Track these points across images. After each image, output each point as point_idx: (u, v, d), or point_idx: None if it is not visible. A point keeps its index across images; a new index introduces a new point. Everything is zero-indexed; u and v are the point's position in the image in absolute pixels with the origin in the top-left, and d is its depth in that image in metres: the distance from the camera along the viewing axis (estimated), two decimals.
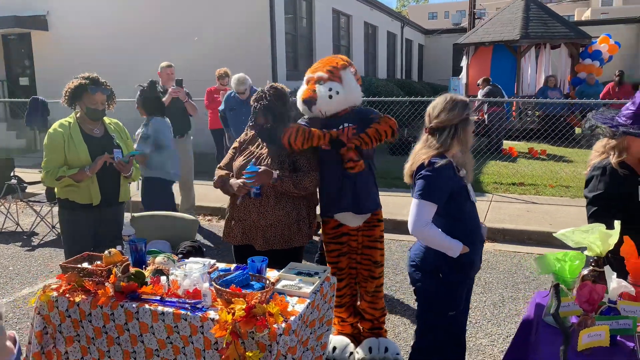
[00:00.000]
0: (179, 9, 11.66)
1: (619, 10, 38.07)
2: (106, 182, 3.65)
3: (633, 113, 2.57)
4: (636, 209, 2.57)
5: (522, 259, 5.42)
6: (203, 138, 9.37)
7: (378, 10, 19.06)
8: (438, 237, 2.53)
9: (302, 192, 3.08)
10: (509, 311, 4.23)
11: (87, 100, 3.56)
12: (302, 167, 3.12)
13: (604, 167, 2.67)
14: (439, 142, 2.57)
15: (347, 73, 3.22)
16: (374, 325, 3.50)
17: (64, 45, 12.93)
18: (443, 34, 26.52)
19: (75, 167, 3.52)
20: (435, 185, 2.51)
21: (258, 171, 2.98)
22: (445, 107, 2.59)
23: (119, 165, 3.60)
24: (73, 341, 2.65)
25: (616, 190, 2.61)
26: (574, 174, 8.70)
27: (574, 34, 13.78)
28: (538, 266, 2.30)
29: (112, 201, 3.74)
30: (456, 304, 2.68)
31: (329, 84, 3.13)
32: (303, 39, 13.39)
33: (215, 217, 7.22)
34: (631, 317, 2.09)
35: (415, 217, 2.52)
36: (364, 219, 3.33)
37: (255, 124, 3.19)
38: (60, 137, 3.54)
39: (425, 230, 2.51)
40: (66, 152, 3.53)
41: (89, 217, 3.66)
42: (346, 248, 3.40)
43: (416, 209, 2.52)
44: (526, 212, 6.72)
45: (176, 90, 6.12)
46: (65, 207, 3.69)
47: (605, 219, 2.39)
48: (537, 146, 10.99)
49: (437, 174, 2.51)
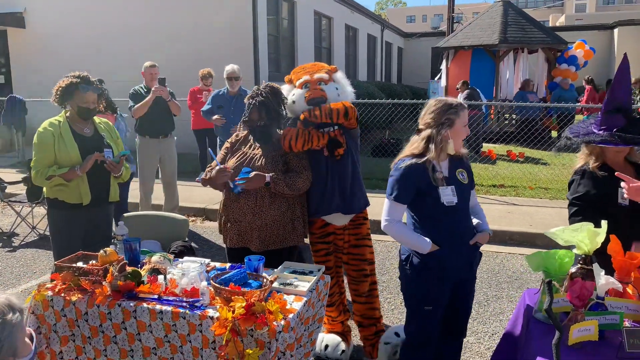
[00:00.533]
0: (160, 9, 11.59)
1: (593, 17, 39.04)
2: (96, 182, 3.63)
3: (600, 121, 2.73)
4: (615, 210, 2.67)
5: (505, 259, 5.54)
6: (186, 138, 9.33)
7: (359, 13, 19.20)
8: (404, 235, 2.71)
9: (295, 193, 3.11)
10: (493, 310, 4.33)
11: (78, 99, 3.54)
12: (295, 167, 3.14)
13: (583, 171, 2.82)
14: (420, 144, 2.69)
15: (338, 76, 3.30)
16: (377, 329, 3.48)
17: (41, 43, 12.74)
18: (422, 37, 26.83)
19: (66, 167, 3.49)
20: (398, 185, 2.66)
21: (249, 176, 2.99)
22: (429, 109, 2.72)
23: (110, 166, 3.57)
24: (68, 341, 2.64)
25: (594, 192, 2.74)
26: (553, 176, 8.90)
27: (551, 40, 14.08)
28: (529, 264, 2.38)
29: (101, 201, 3.72)
30: (428, 298, 2.75)
31: (332, 85, 3.18)
32: (285, 40, 13.43)
33: (199, 218, 7.20)
34: (618, 313, 2.18)
35: (385, 215, 2.72)
36: (350, 218, 3.37)
37: (249, 120, 3.18)
38: (50, 136, 3.51)
39: (391, 227, 2.70)
40: (56, 151, 3.50)
41: (79, 217, 3.64)
42: (333, 247, 3.43)
43: (385, 208, 2.73)
44: (507, 213, 6.87)
45: (159, 88, 6.08)
46: (55, 206, 3.66)
47: (585, 220, 2.50)
48: (515, 149, 11.20)
49: (400, 175, 2.66)
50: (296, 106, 3.23)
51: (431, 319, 2.79)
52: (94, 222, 3.71)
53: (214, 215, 7.09)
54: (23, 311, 1.50)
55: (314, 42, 14.99)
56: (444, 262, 2.68)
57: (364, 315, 3.48)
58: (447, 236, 2.68)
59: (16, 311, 1.51)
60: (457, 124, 2.67)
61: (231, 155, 3.27)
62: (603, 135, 2.66)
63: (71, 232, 3.64)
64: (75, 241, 3.61)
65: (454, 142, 2.68)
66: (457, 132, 2.69)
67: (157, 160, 6.36)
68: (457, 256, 2.72)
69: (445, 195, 2.67)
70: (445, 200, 2.66)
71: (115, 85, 11.42)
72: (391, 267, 5.15)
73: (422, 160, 2.64)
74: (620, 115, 2.66)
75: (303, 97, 3.17)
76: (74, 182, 3.54)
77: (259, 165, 3.10)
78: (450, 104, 2.68)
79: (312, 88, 3.16)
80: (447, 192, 2.68)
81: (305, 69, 3.30)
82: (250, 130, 3.25)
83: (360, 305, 3.48)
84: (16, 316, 1.51)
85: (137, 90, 6.28)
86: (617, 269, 2.36)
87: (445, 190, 2.67)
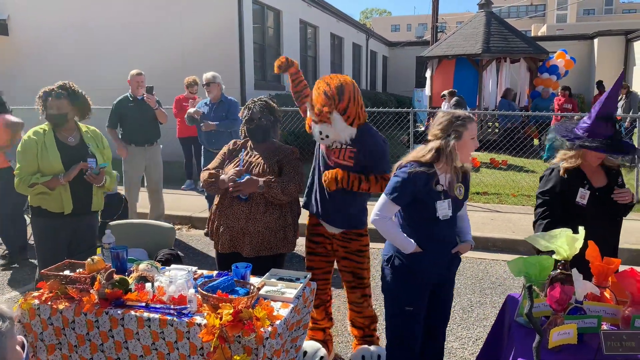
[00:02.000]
0: (146, 16, 11.58)
1: (574, 27, 39.74)
2: (79, 191, 3.62)
3: (588, 127, 2.86)
4: (574, 208, 2.93)
5: (488, 266, 5.61)
6: (172, 146, 9.31)
7: (344, 22, 19.34)
8: (392, 232, 2.76)
9: (288, 198, 3.17)
10: (477, 315, 4.39)
11: (47, 106, 3.56)
12: (287, 173, 3.20)
13: (552, 169, 3.07)
14: (426, 150, 2.71)
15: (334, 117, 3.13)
16: (365, 333, 3.53)
17: (25, 50, 12.64)
18: (407, 46, 27.07)
19: (49, 175, 3.49)
20: (401, 188, 2.68)
21: (241, 181, 3.03)
22: (437, 121, 2.74)
23: (90, 177, 3.55)
24: (55, 349, 2.64)
25: (558, 188, 2.99)
26: (535, 184, 9.00)
27: (533, 49, 14.32)
28: (511, 269, 2.44)
29: (84, 210, 3.71)
30: (409, 299, 2.81)
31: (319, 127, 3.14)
32: (271, 48, 13.48)
33: (185, 226, 7.18)
34: (596, 316, 2.25)
35: (377, 209, 2.75)
36: (340, 230, 3.37)
37: (251, 119, 3.25)
38: (34, 145, 3.51)
39: (382, 222, 2.74)
40: (39, 159, 3.50)
41: (62, 226, 3.63)
42: (320, 249, 3.45)
43: (380, 203, 2.76)
44: (490, 220, 6.96)
45: (148, 97, 6.10)
46: (38, 215, 3.65)
47: (547, 212, 2.97)
48: (498, 157, 11.35)
49: (404, 178, 2.67)
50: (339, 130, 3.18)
51: (412, 320, 2.84)
52: (78, 231, 3.71)
53: (200, 223, 7.09)
54: (13, 319, 1.51)
55: (299, 50, 15.07)
56: (424, 264, 2.75)
57: (355, 319, 3.53)
58: (432, 243, 2.74)
59: (6, 319, 1.52)
60: (465, 136, 2.66)
61: (229, 162, 3.32)
62: (597, 142, 2.80)
63: (55, 241, 3.63)
64: (59, 250, 3.60)
65: (460, 154, 2.67)
66: (465, 144, 2.67)
67: (143, 168, 6.36)
68: (437, 261, 2.79)
69: (442, 209, 2.71)
70: (441, 215, 2.70)
71: (99, 94, 11.42)
72: (377, 274, 5.18)
73: (429, 170, 2.66)
74: (610, 124, 2.82)
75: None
76: (57, 190, 3.54)
77: (256, 173, 3.18)
78: (457, 116, 2.68)
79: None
80: (443, 206, 2.71)
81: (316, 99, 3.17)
82: (250, 128, 3.28)
83: (351, 312, 3.54)
84: (6, 325, 1.51)
85: (120, 100, 6.29)
86: (595, 274, 2.44)
87: (442, 204, 2.70)
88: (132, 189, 6.36)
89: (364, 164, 3.17)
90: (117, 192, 6.00)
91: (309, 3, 15.53)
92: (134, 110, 6.21)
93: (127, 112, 6.22)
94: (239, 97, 10.75)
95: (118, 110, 6.25)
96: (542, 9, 57.98)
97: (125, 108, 6.22)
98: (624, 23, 36.10)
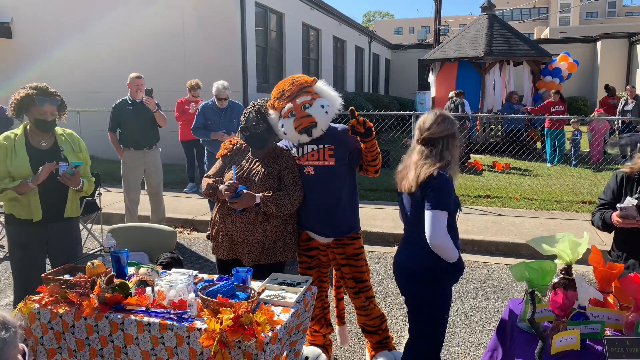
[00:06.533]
0: (149, 20, 11.60)
1: (577, 30, 39.70)
2: (49, 197, 3.45)
3: None
4: None
5: (491, 269, 5.59)
6: (174, 149, 9.32)
7: (346, 25, 19.36)
8: (451, 246, 2.61)
9: (283, 214, 3.12)
10: (479, 320, 4.37)
11: (35, 112, 3.39)
12: (288, 185, 3.15)
13: (616, 174, 3.13)
14: (438, 155, 2.69)
15: (319, 87, 3.22)
16: (380, 337, 3.49)
17: (28, 53, 12.68)
18: (409, 49, 27.08)
19: (19, 180, 3.34)
20: (448, 195, 2.64)
21: (237, 198, 2.99)
22: (437, 120, 2.74)
23: (64, 178, 3.37)
24: (55, 354, 2.63)
25: (611, 192, 3.06)
26: (537, 187, 9.01)
27: (535, 52, 14.30)
28: (513, 274, 2.42)
29: (56, 217, 3.51)
30: (446, 308, 2.81)
31: (317, 102, 3.12)
32: (273, 52, 13.49)
33: (187, 230, 7.18)
34: (599, 322, 2.23)
35: (437, 227, 2.57)
36: (331, 238, 3.34)
37: (246, 127, 3.18)
38: (4, 150, 3.36)
39: (446, 239, 2.57)
40: (8, 164, 3.35)
41: (35, 234, 3.47)
42: (316, 262, 3.43)
43: (435, 220, 2.57)
44: (493, 223, 6.94)
45: (147, 99, 6.09)
46: (10, 222, 3.50)
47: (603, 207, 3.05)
48: (501, 160, 11.33)
49: (448, 185, 2.64)
50: (289, 136, 3.18)
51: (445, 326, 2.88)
52: (54, 240, 3.55)
53: (202, 227, 7.08)
54: (17, 328, 1.50)
55: (302, 53, 15.08)
56: (460, 265, 2.75)
57: (365, 324, 3.49)
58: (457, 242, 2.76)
59: (9, 328, 1.52)
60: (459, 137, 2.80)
61: (228, 168, 3.26)
62: None
63: (28, 250, 3.47)
64: (34, 260, 3.47)
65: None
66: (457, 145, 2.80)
67: (142, 172, 6.34)
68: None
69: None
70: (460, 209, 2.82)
71: (102, 96, 11.44)
72: (379, 278, 5.17)
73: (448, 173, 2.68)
74: None
75: (293, 127, 3.10)
76: (25, 197, 3.38)
77: (257, 181, 3.12)
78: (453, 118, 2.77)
79: (299, 117, 3.08)
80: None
81: (283, 92, 3.16)
82: (245, 136, 3.22)
83: (359, 316, 3.49)
84: (9, 334, 1.51)
85: (119, 104, 6.28)
86: (598, 279, 2.42)
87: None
88: (131, 192, 6.35)
89: (345, 159, 3.18)
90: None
91: (311, 6, 15.55)
92: (132, 114, 6.19)
93: (125, 116, 6.21)
94: (241, 100, 10.76)
95: (117, 114, 6.25)
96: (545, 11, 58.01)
97: (123, 111, 6.20)
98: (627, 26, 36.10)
